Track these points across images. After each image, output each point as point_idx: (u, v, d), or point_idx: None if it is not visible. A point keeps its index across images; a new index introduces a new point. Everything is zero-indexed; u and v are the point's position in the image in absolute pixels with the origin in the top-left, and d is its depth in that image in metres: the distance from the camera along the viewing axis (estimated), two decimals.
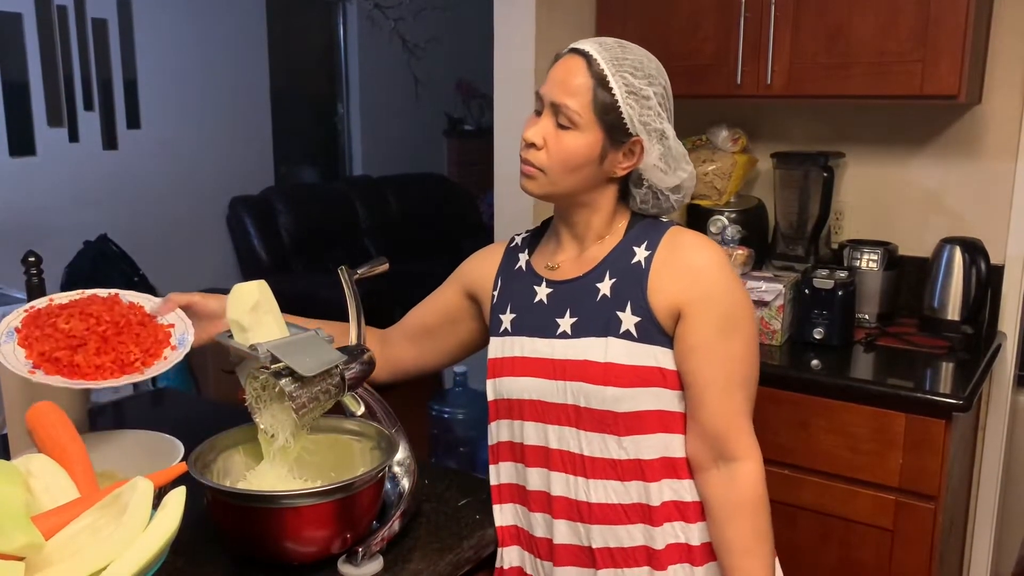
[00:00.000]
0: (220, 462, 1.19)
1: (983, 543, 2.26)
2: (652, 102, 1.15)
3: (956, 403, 1.73)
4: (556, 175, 1.16)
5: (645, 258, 1.18)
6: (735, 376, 1.15)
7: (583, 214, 1.22)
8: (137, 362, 1.12)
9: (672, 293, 1.15)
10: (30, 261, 1.32)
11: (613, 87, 1.12)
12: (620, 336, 1.16)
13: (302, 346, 1.14)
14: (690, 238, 1.19)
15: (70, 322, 1.13)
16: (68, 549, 0.91)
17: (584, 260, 1.23)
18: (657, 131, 1.16)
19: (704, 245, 1.18)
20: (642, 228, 1.22)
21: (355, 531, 1.11)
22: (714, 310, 1.14)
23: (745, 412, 1.17)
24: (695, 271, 1.16)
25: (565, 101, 1.13)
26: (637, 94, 1.14)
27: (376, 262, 1.35)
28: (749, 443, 1.16)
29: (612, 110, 1.13)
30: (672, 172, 1.20)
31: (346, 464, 1.22)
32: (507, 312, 1.27)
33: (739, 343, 1.16)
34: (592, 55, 1.13)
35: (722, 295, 1.15)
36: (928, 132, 2.27)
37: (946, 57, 1.91)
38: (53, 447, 1.06)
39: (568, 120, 1.13)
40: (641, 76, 1.14)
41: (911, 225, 2.30)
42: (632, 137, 1.15)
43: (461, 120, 6.26)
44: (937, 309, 2.13)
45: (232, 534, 1.11)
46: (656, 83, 1.16)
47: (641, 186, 1.21)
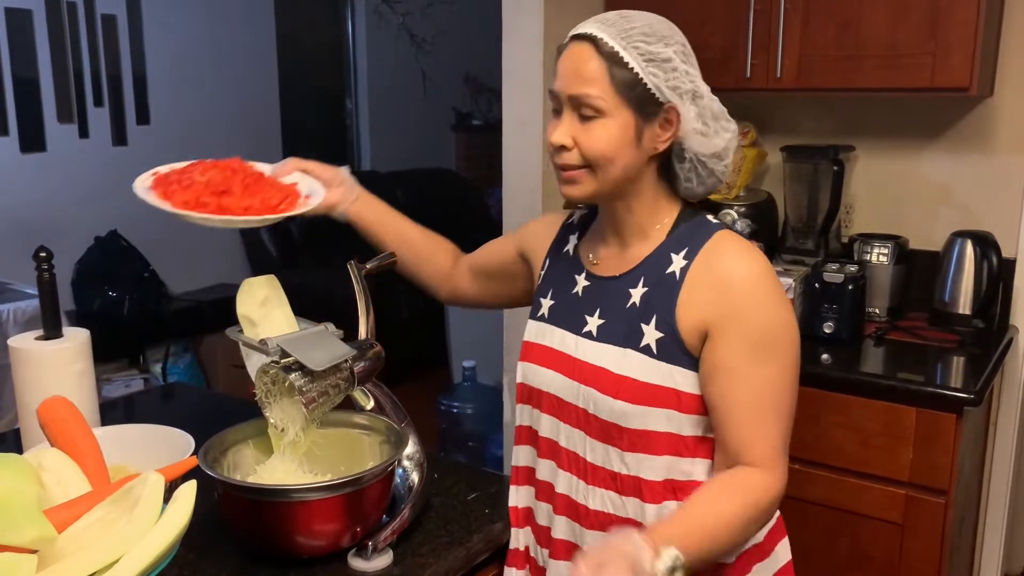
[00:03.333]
0: (230, 456, 1.19)
1: (994, 537, 2.25)
2: (674, 62, 1.06)
3: (967, 397, 1.72)
4: (602, 171, 1.08)
5: (681, 269, 1.10)
6: (766, 402, 1.06)
7: (622, 206, 1.14)
8: (281, 204, 1.19)
9: (700, 308, 1.07)
10: (41, 256, 1.33)
11: (629, 61, 1.05)
12: (640, 350, 1.09)
13: (312, 340, 1.14)
14: (731, 245, 1.10)
15: (207, 174, 1.19)
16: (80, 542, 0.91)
17: (625, 259, 1.16)
18: (688, 91, 1.08)
19: (742, 254, 1.09)
20: (687, 229, 1.13)
21: (365, 525, 1.11)
22: (744, 329, 1.05)
23: (778, 440, 1.07)
24: (726, 283, 1.06)
25: (583, 91, 1.06)
26: (656, 59, 1.06)
27: (385, 256, 1.35)
28: (778, 465, 1.07)
29: (635, 84, 1.05)
30: (714, 133, 1.11)
31: (355, 458, 1.22)
32: (547, 297, 1.23)
33: (774, 368, 1.06)
34: (597, 36, 1.06)
35: (754, 312, 1.05)
36: (939, 125, 2.25)
37: (957, 49, 1.90)
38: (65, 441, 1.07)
39: (592, 109, 1.06)
40: (655, 40, 1.06)
41: (922, 219, 2.29)
42: (664, 105, 1.07)
43: (469, 115, 6.24)
44: (948, 303, 2.12)
45: (242, 528, 1.11)
46: (672, 42, 1.08)
47: (684, 159, 1.12)
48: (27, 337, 1.37)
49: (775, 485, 1.07)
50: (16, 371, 1.34)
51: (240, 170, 1.23)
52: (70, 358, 1.34)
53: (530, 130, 2.39)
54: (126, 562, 0.87)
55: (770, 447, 1.07)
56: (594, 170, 1.09)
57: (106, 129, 4.21)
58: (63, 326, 1.39)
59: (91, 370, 1.39)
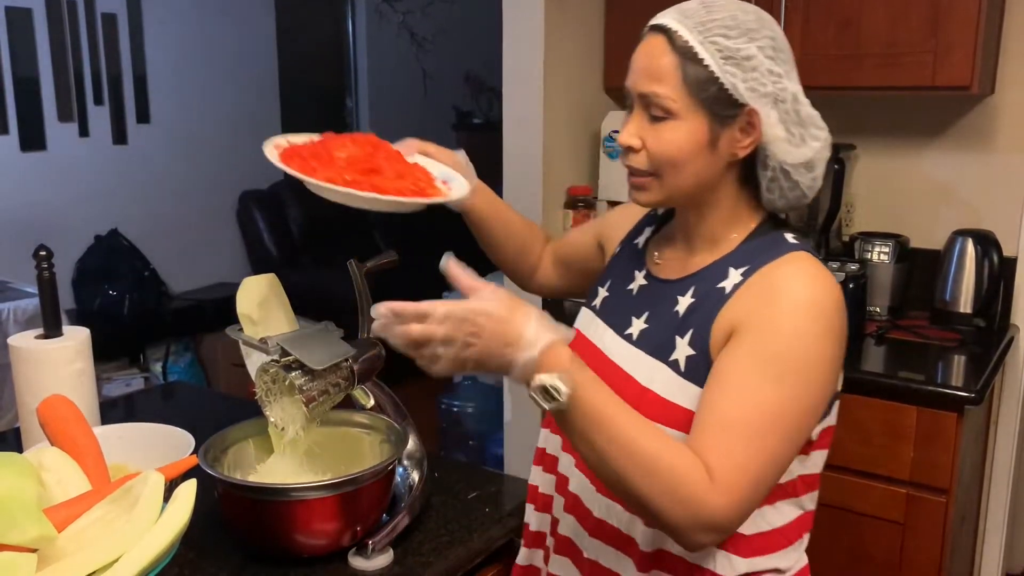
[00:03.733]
0: (231, 455, 1.19)
1: (995, 537, 2.25)
2: (756, 60, 0.95)
3: (968, 396, 1.72)
4: (669, 176, 0.99)
5: (734, 284, 0.99)
6: (751, 424, 0.90)
7: (695, 214, 1.05)
8: (429, 189, 1.10)
9: (736, 315, 0.96)
10: (41, 255, 1.33)
11: (704, 57, 0.94)
12: (668, 364, 1.00)
13: (312, 339, 1.14)
14: (801, 265, 0.97)
15: (345, 149, 1.09)
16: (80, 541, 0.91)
17: (687, 264, 1.06)
18: (771, 94, 0.97)
19: (809, 278, 0.95)
20: (759, 245, 1.01)
21: (365, 524, 1.11)
22: (763, 340, 0.92)
23: (748, 469, 0.89)
24: (773, 295, 0.95)
25: (652, 89, 0.96)
26: (735, 57, 0.95)
27: (385, 255, 1.35)
28: (736, 492, 0.88)
29: (710, 83, 0.95)
30: (800, 142, 0.99)
31: (356, 457, 1.22)
32: (604, 288, 1.16)
33: (779, 395, 0.91)
34: (672, 27, 0.96)
35: (784, 330, 0.92)
36: (940, 124, 2.25)
37: (958, 48, 1.89)
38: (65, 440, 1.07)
39: (661, 110, 0.96)
40: (737, 35, 0.95)
41: (923, 217, 2.29)
42: (744, 107, 0.96)
43: (470, 113, 6.24)
44: (949, 302, 2.12)
45: (242, 527, 1.11)
46: (759, 36, 0.96)
47: (767, 168, 1.00)
48: (27, 336, 1.37)
49: (718, 504, 0.87)
50: (16, 370, 1.34)
51: (380, 147, 1.14)
52: (70, 357, 1.34)
53: (531, 129, 2.39)
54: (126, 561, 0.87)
55: (730, 466, 0.88)
56: (660, 177, 1.00)
57: (106, 128, 4.21)
58: (63, 325, 1.39)
59: (91, 369, 1.39)
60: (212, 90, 4.61)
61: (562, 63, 2.39)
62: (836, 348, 0.96)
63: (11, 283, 3.28)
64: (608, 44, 2.44)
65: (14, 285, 3.26)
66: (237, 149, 4.76)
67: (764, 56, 0.96)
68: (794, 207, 1.04)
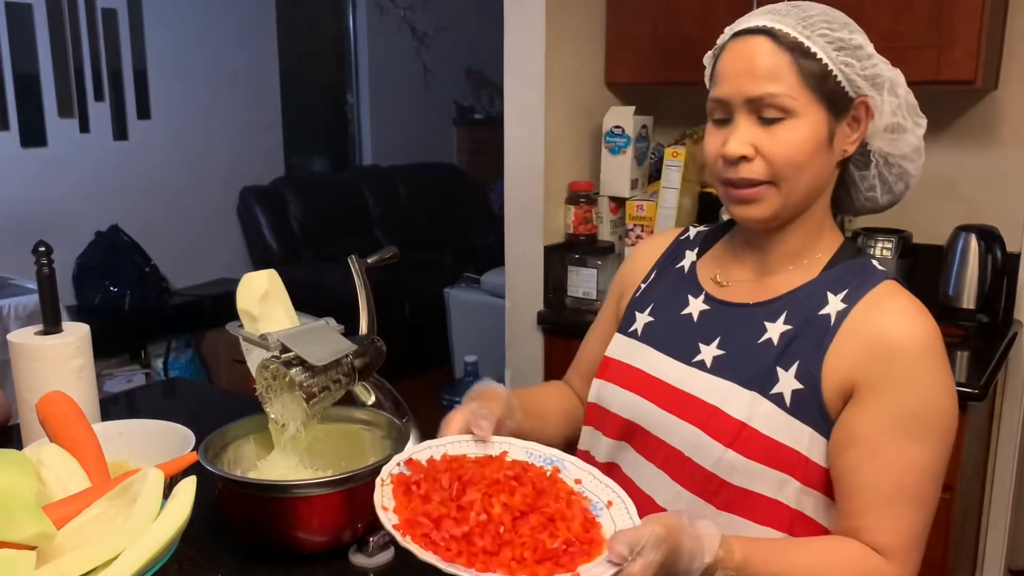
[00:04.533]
0: (231, 452, 1.19)
1: (997, 534, 2.25)
2: (867, 49, 0.95)
3: (971, 392, 1.71)
4: (788, 183, 0.94)
5: (838, 312, 0.94)
6: (906, 487, 0.91)
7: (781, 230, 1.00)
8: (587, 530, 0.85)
9: (852, 365, 0.92)
10: (40, 251, 1.32)
11: (816, 51, 0.92)
12: (770, 397, 0.95)
13: (312, 335, 1.13)
14: (901, 302, 0.94)
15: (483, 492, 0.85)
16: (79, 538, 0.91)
17: (763, 286, 1.01)
18: (887, 80, 0.96)
19: (913, 316, 0.93)
20: (848, 268, 0.98)
21: (366, 521, 1.10)
22: (897, 400, 0.90)
23: (913, 533, 0.92)
24: (888, 345, 0.91)
25: (767, 90, 0.92)
26: (847, 47, 0.93)
27: (386, 251, 1.35)
28: (909, 559, 0.92)
29: (827, 77, 0.93)
30: (913, 127, 0.98)
31: (357, 454, 1.22)
32: (645, 312, 1.09)
33: (923, 452, 0.91)
34: (774, 27, 0.93)
35: (914, 384, 0.91)
36: (943, 118, 2.24)
37: (962, 41, 1.88)
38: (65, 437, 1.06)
39: (779, 110, 0.92)
40: (839, 27, 0.94)
41: (926, 213, 2.28)
42: (855, 100, 0.95)
43: (471, 109, 6.24)
44: (952, 297, 2.11)
45: (243, 524, 1.11)
46: (855, 28, 0.96)
47: (868, 166, 0.98)
48: (27, 332, 1.36)
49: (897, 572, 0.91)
50: (15, 366, 1.34)
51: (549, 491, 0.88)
52: (70, 353, 1.34)
53: (532, 124, 2.38)
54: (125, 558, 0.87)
55: (901, 538, 0.91)
56: (778, 183, 0.94)
57: (107, 124, 4.20)
58: (63, 321, 1.38)
59: (91, 365, 1.39)
60: (213, 86, 4.60)
61: (563, 58, 2.38)
62: (952, 381, 0.96)
63: (12, 279, 3.28)
64: (610, 39, 2.43)
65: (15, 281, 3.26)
66: (238, 145, 4.76)
67: (867, 41, 0.96)
68: (895, 203, 1.04)
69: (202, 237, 4.61)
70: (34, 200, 3.94)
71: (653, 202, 2.35)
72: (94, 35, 4.10)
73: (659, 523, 0.81)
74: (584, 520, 0.85)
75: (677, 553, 0.82)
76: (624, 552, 0.78)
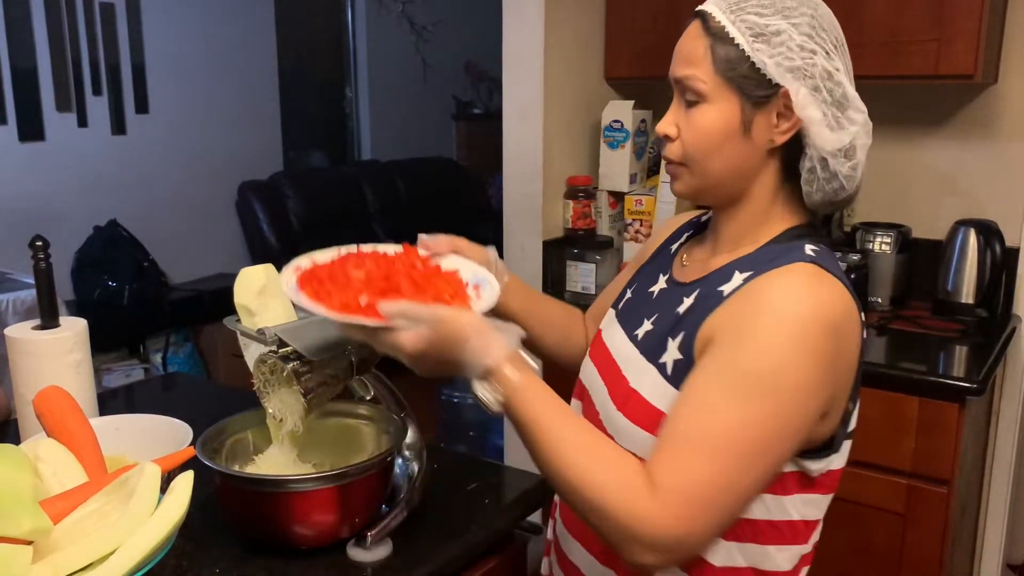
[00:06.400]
0: (228, 446, 1.19)
1: (996, 528, 2.25)
2: (786, 35, 0.91)
3: (970, 387, 1.71)
4: (698, 165, 0.96)
5: (733, 289, 0.93)
6: (710, 439, 0.85)
7: (726, 211, 1.01)
8: (454, 301, 0.98)
9: (716, 326, 0.92)
10: (37, 245, 1.32)
11: (735, 36, 0.91)
12: (657, 366, 0.97)
13: (310, 329, 1.13)
14: (800, 279, 0.90)
15: (363, 267, 1.02)
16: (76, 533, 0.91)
17: (706, 267, 1.02)
18: (798, 68, 0.91)
19: (801, 291, 0.88)
20: (775, 250, 0.95)
21: (364, 515, 1.10)
22: (736, 354, 0.87)
23: (701, 484, 0.84)
24: (755, 302, 0.89)
25: (684, 72, 0.95)
26: (765, 34, 0.91)
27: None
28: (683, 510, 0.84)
29: (740, 62, 0.92)
30: (836, 124, 0.93)
31: (355, 448, 1.22)
32: (631, 289, 1.13)
33: (747, 412, 0.85)
34: (706, 11, 0.95)
35: (759, 345, 0.86)
36: (943, 113, 2.24)
37: (962, 36, 1.88)
38: (61, 431, 1.06)
39: (693, 93, 0.94)
40: (772, 13, 0.92)
41: (925, 207, 2.28)
42: (779, 88, 0.92)
43: (470, 103, 6.23)
44: (951, 292, 2.11)
45: (241, 518, 1.11)
46: (797, 13, 0.92)
47: (805, 155, 0.94)
48: (24, 327, 1.36)
49: (656, 518, 0.83)
50: (13, 361, 1.33)
51: (402, 260, 1.07)
52: (67, 348, 1.34)
53: (531, 119, 2.38)
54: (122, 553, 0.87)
55: (679, 482, 0.84)
56: (689, 165, 0.97)
57: (105, 118, 4.19)
58: (61, 315, 1.38)
59: (88, 360, 1.38)
60: (211, 80, 4.59)
61: (562, 52, 2.37)
62: (818, 374, 0.87)
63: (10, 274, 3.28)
64: (609, 33, 2.43)
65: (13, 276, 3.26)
66: (236, 139, 4.75)
67: (798, 32, 0.92)
68: (833, 202, 0.97)
69: (200, 232, 4.61)
70: (32, 194, 3.93)
71: (652, 196, 2.35)
72: (92, 29, 4.08)
73: (451, 311, 0.90)
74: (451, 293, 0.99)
75: (458, 343, 0.88)
76: (391, 311, 0.87)
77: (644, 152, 2.50)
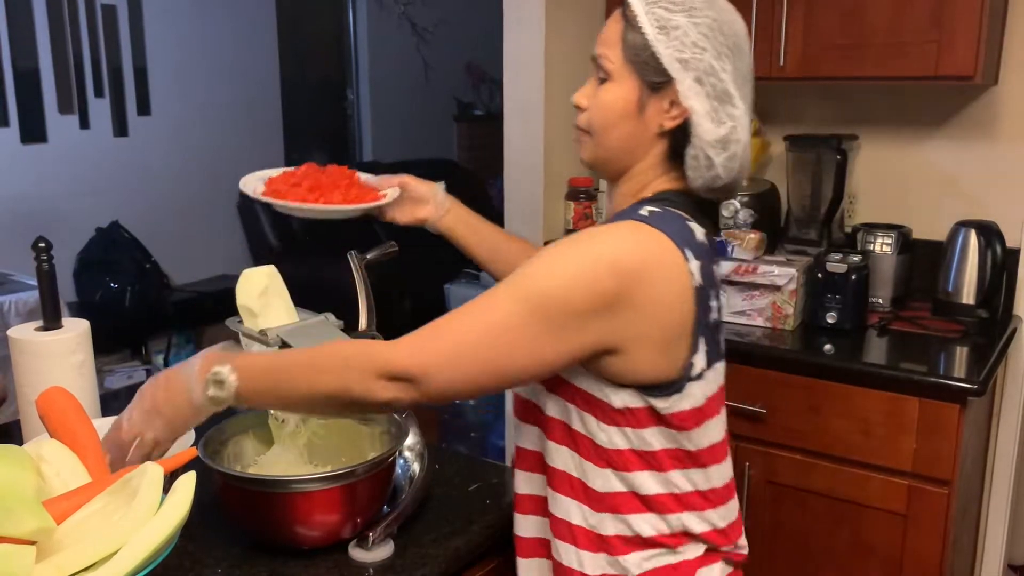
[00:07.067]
0: (231, 447, 1.19)
1: (997, 528, 2.25)
2: (684, 31, 1.00)
3: (970, 387, 1.71)
4: (598, 135, 1.06)
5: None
6: (475, 313, 0.97)
7: (614, 185, 1.10)
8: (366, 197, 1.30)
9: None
10: (40, 247, 1.32)
11: (642, 24, 1.01)
12: None
13: (312, 331, 1.13)
14: (612, 225, 1.00)
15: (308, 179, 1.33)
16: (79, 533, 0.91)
17: None
18: (687, 61, 1.00)
19: (604, 231, 0.99)
20: (621, 214, 1.05)
21: (366, 516, 1.11)
22: (529, 265, 0.98)
23: (434, 329, 0.96)
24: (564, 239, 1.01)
25: (599, 51, 1.05)
26: (667, 27, 1.00)
27: (385, 247, 1.35)
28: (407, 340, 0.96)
29: (643, 49, 1.01)
30: (717, 118, 1.02)
31: (356, 449, 1.22)
32: None
33: (506, 303, 0.96)
34: (629, 1, 1.04)
35: (544, 259, 0.98)
36: (943, 114, 2.24)
37: (962, 37, 1.88)
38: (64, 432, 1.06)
39: (604, 71, 1.04)
40: (679, 10, 1.01)
41: (925, 208, 2.28)
42: (672, 79, 1.01)
43: (471, 104, 6.23)
44: (952, 293, 2.11)
45: (243, 519, 1.11)
46: (701, 14, 1.01)
47: (690, 143, 1.03)
48: (27, 328, 1.37)
49: (393, 351, 0.95)
50: (16, 362, 1.34)
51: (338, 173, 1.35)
52: (70, 349, 1.34)
53: (532, 120, 2.38)
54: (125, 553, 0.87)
55: (424, 331, 0.97)
56: (592, 135, 1.07)
57: (107, 120, 4.20)
58: (63, 317, 1.38)
59: (91, 361, 1.39)
60: (213, 82, 4.60)
61: (563, 53, 2.38)
62: (590, 306, 0.94)
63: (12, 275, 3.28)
64: None
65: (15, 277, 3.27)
66: (238, 141, 4.76)
67: (696, 30, 1.01)
68: (712, 189, 1.06)
69: (202, 233, 4.61)
70: (34, 196, 3.94)
71: None
72: (94, 31, 4.09)
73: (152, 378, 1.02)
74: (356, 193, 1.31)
75: (168, 391, 1.00)
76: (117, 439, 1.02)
77: None
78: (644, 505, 1.03)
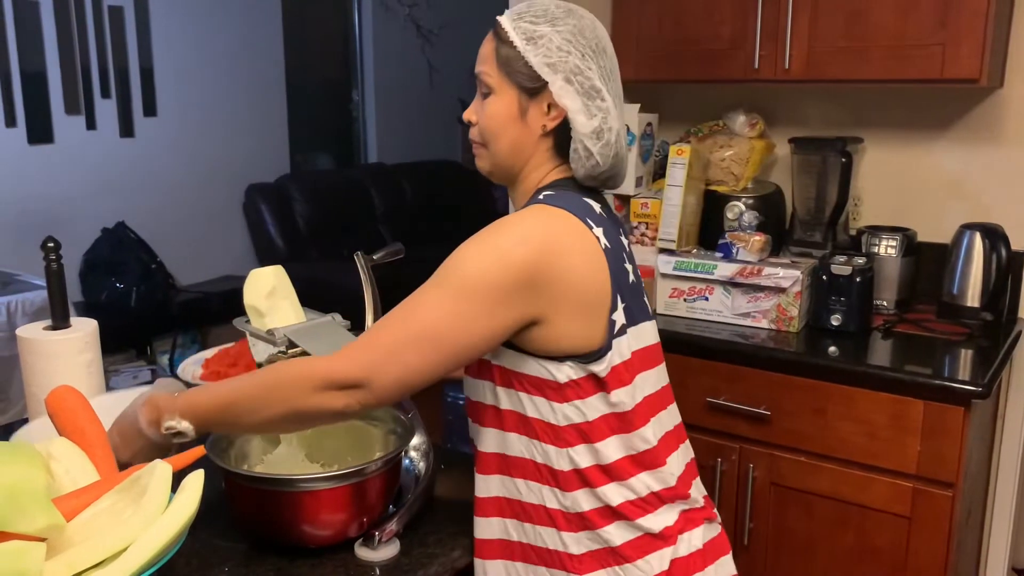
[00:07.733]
0: (238, 446, 1.20)
1: (1001, 531, 2.25)
2: (548, 38, 1.10)
3: (975, 390, 1.71)
4: (490, 144, 1.15)
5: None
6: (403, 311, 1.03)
7: (513, 189, 1.19)
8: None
9: None
10: (49, 247, 1.33)
11: (512, 38, 1.12)
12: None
13: (318, 331, 1.14)
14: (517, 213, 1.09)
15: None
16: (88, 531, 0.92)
17: None
18: (554, 64, 1.10)
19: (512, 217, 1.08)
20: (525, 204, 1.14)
21: (372, 515, 1.11)
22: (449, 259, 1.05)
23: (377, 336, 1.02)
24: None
25: (479, 69, 1.15)
26: (533, 37, 1.11)
27: (392, 248, 1.35)
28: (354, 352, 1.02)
29: (516, 60, 1.12)
30: (588, 112, 1.12)
31: (363, 449, 1.22)
32: None
33: (431, 293, 1.03)
34: (498, 20, 1.15)
35: (464, 251, 1.04)
36: (948, 117, 2.24)
37: (967, 40, 1.88)
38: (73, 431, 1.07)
39: (486, 86, 1.14)
40: (544, 21, 1.12)
41: (930, 211, 2.28)
42: (546, 83, 1.11)
43: None
44: (956, 295, 2.11)
45: (250, 517, 1.12)
46: (563, 23, 1.12)
47: (571, 138, 1.13)
48: (35, 327, 1.38)
49: (332, 362, 1.01)
50: (24, 361, 1.35)
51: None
52: (78, 348, 1.35)
53: None
54: (134, 550, 0.88)
55: (360, 340, 1.03)
56: (487, 146, 1.16)
57: (113, 121, 4.22)
58: (71, 316, 1.39)
59: (99, 360, 1.40)
60: (219, 83, 4.62)
61: None
62: (508, 283, 1.02)
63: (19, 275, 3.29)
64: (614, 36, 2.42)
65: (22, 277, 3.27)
66: (244, 142, 4.77)
67: (559, 37, 1.11)
68: (594, 176, 1.14)
69: (208, 234, 4.63)
70: (41, 197, 3.95)
71: (658, 199, 2.35)
72: (101, 33, 4.11)
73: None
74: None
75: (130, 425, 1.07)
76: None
77: (650, 155, 2.51)
78: (607, 475, 1.08)
